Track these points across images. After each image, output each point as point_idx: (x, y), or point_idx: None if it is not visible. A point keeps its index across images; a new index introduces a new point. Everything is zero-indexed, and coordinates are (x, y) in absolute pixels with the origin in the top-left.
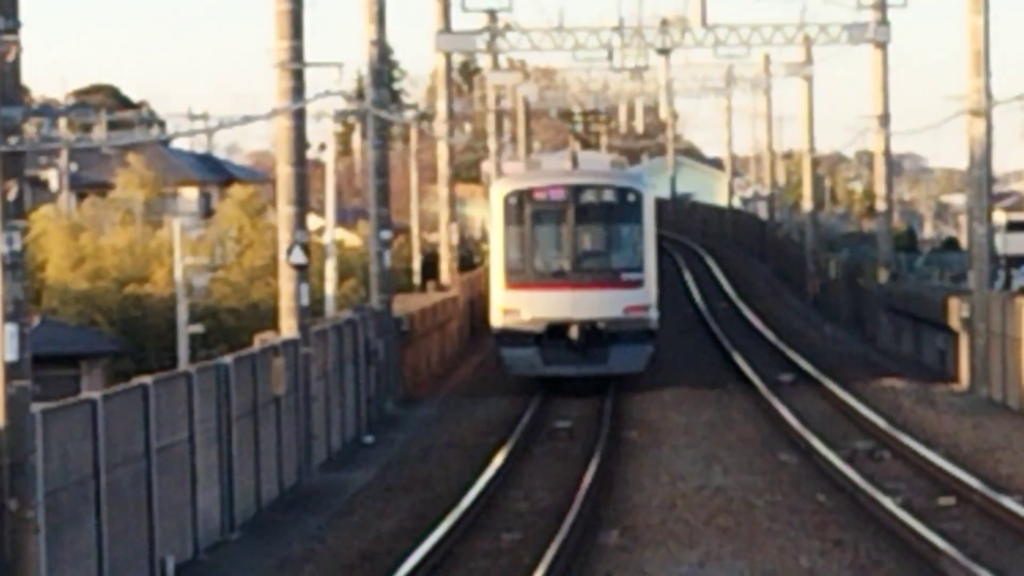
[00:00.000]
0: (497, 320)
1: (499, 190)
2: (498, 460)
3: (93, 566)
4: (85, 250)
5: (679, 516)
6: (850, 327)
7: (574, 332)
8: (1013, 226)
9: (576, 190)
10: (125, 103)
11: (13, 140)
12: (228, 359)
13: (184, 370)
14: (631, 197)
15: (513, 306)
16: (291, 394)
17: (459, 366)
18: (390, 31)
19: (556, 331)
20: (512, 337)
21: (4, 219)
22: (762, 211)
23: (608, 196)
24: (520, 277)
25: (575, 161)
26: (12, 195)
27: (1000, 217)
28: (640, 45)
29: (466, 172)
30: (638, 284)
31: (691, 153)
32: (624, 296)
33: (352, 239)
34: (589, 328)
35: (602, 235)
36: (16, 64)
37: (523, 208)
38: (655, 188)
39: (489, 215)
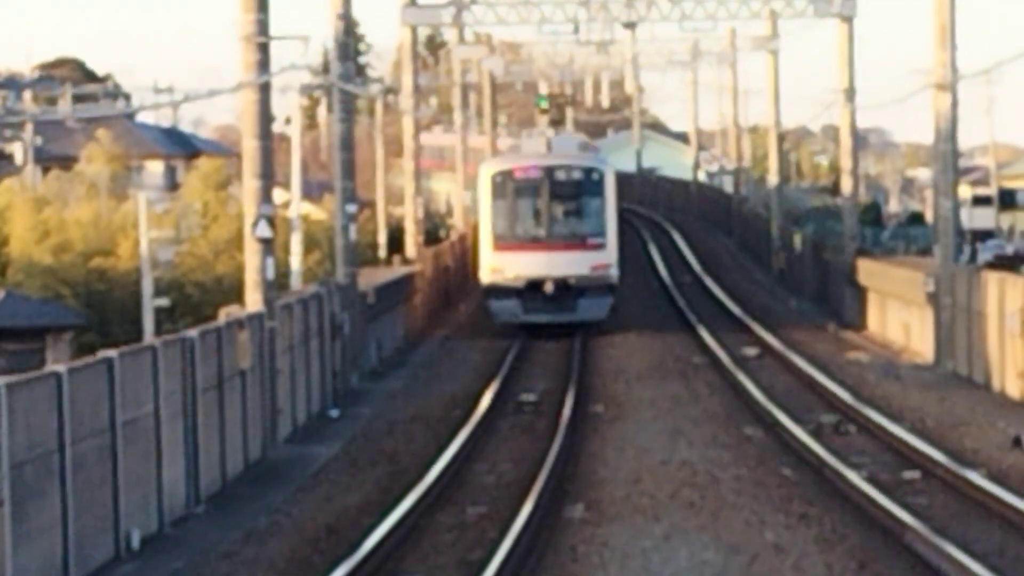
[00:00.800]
0: (485, 277)
1: (486, 170)
2: (464, 434)
3: (58, 539)
4: (49, 223)
5: (644, 490)
6: (816, 301)
7: (549, 287)
8: (978, 200)
9: (549, 170)
10: (90, 76)
11: None
12: (193, 333)
13: (149, 343)
14: (595, 176)
15: (499, 266)
16: (256, 368)
17: (424, 339)
18: (356, 4)
19: (534, 286)
20: (498, 291)
21: None
22: (728, 185)
23: (576, 175)
24: (504, 241)
25: (549, 146)
26: None
27: (965, 191)
28: (606, 19)
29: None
30: (601, 247)
31: (657, 127)
32: (590, 257)
33: (318, 213)
34: (561, 283)
35: (571, 207)
36: None
37: (506, 185)
38: (615, 167)
39: (477, 191)
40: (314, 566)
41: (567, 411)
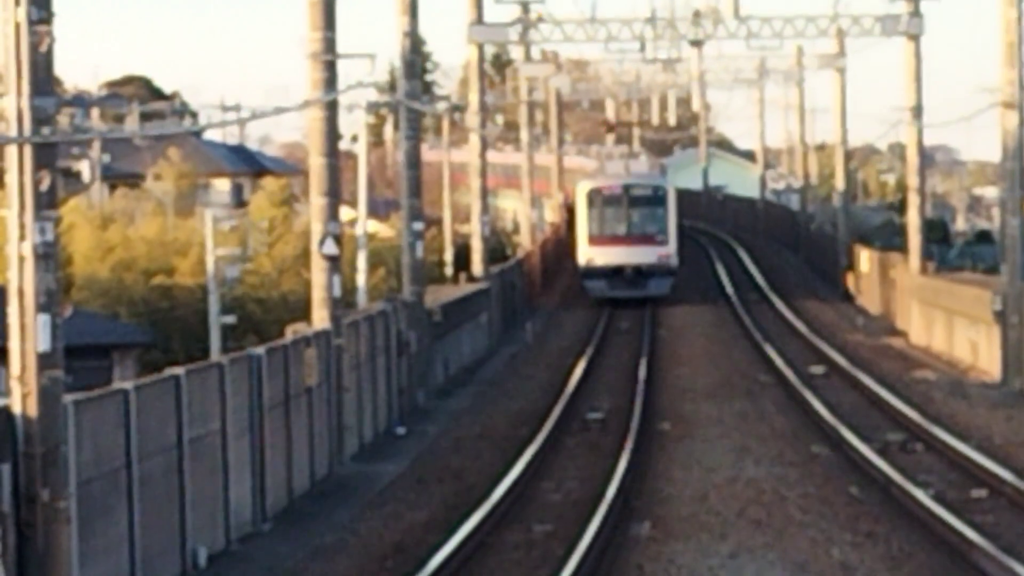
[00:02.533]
0: (583, 263)
1: (582, 188)
2: (530, 451)
3: (125, 557)
4: (113, 241)
5: (711, 508)
6: (883, 319)
7: (627, 271)
8: None
9: (627, 187)
10: (158, 94)
11: (46, 130)
12: (260, 350)
13: (216, 361)
14: (660, 191)
15: (592, 256)
16: (323, 385)
17: (491, 357)
18: (423, 22)
19: (617, 271)
20: (591, 274)
21: (36, 210)
22: (795, 203)
23: (646, 191)
24: (596, 238)
25: (627, 169)
26: (45, 186)
27: None
28: (673, 37)
29: None
30: (665, 242)
31: (723, 145)
32: (656, 250)
33: (384, 231)
34: (636, 269)
35: (643, 214)
36: (49, 54)
37: (597, 198)
38: (677, 185)
39: (576, 202)
40: None
41: (633, 429)
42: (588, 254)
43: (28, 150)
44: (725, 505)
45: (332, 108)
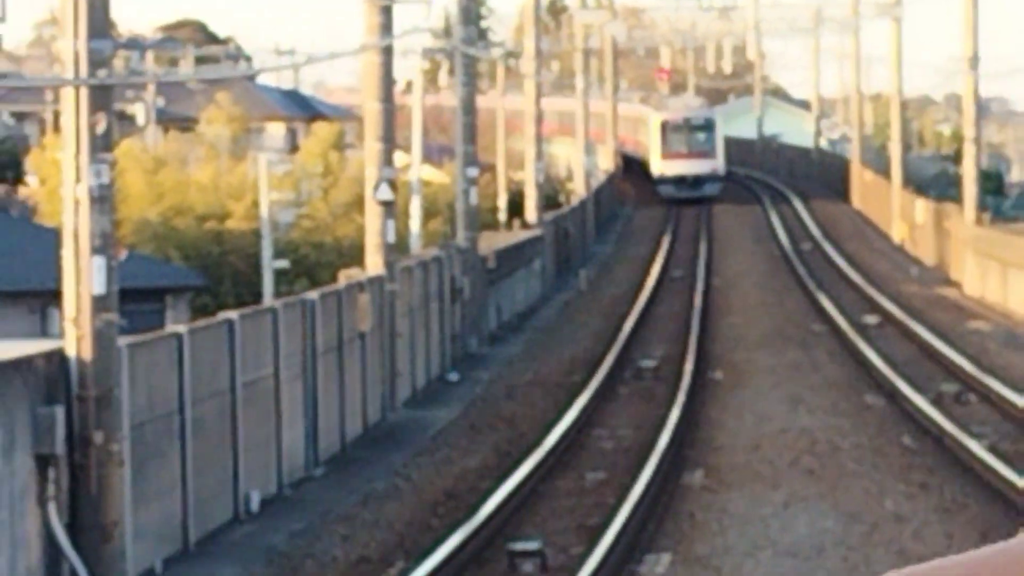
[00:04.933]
0: (656, 173)
1: (654, 118)
2: (583, 399)
3: (178, 499)
4: (165, 185)
5: (763, 457)
6: (937, 269)
7: (688, 178)
8: None
9: (687, 118)
10: (212, 38)
11: (102, 73)
12: (314, 295)
13: (270, 305)
14: (710, 121)
15: (663, 168)
16: (376, 331)
17: (544, 304)
18: None
19: (681, 178)
20: (662, 181)
21: (92, 152)
22: (849, 153)
23: (700, 121)
24: (666, 154)
25: (685, 106)
26: (100, 128)
27: None
28: None
29: None
30: (715, 157)
31: (778, 94)
32: (709, 163)
33: (438, 177)
34: (694, 176)
35: (698, 137)
36: None
37: (666, 125)
38: (727, 132)
39: (648, 129)
40: (432, 529)
41: (686, 377)
42: (660, 167)
43: (84, 92)
44: (778, 454)
45: (388, 53)
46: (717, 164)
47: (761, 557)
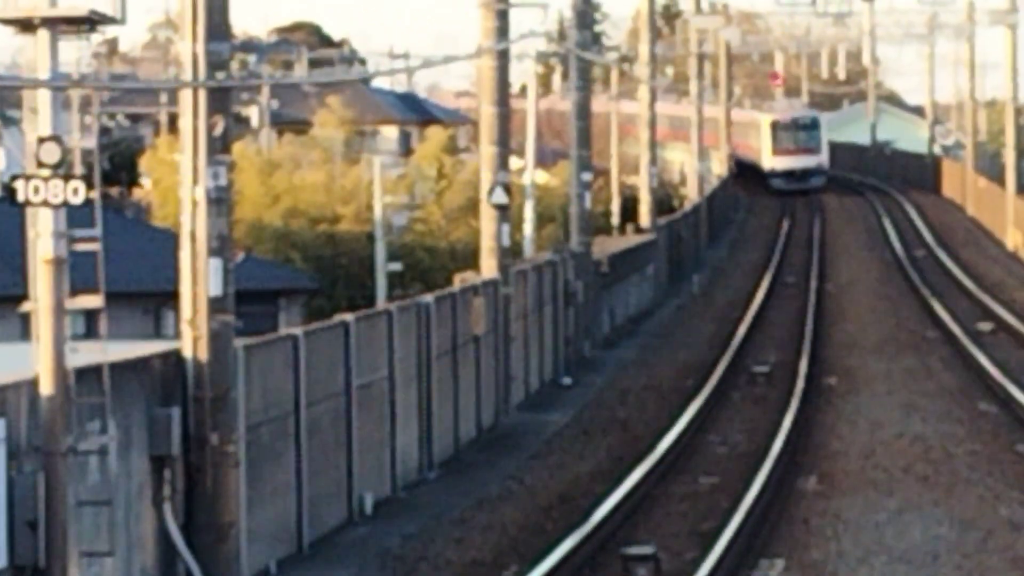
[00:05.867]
0: (767, 167)
1: (764, 119)
2: (696, 403)
3: (292, 501)
4: (280, 187)
5: (877, 463)
6: None
7: (797, 172)
8: None
9: (795, 118)
10: (327, 41)
11: (220, 75)
12: (429, 298)
13: (385, 308)
14: (815, 120)
15: (774, 163)
16: (490, 334)
17: (657, 308)
18: None
19: (790, 172)
20: (773, 175)
21: (209, 154)
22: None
23: (806, 120)
24: (776, 150)
25: (792, 107)
26: (218, 130)
27: None
28: None
29: None
30: (820, 153)
31: (892, 100)
32: (814, 158)
33: (550, 180)
34: (802, 170)
35: (805, 135)
36: (225, 0)
37: (776, 125)
38: (830, 121)
39: (760, 131)
40: (546, 533)
41: (800, 383)
42: (771, 162)
43: (202, 95)
44: (891, 461)
45: (503, 57)
46: (822, 159)
47: (875, 563)
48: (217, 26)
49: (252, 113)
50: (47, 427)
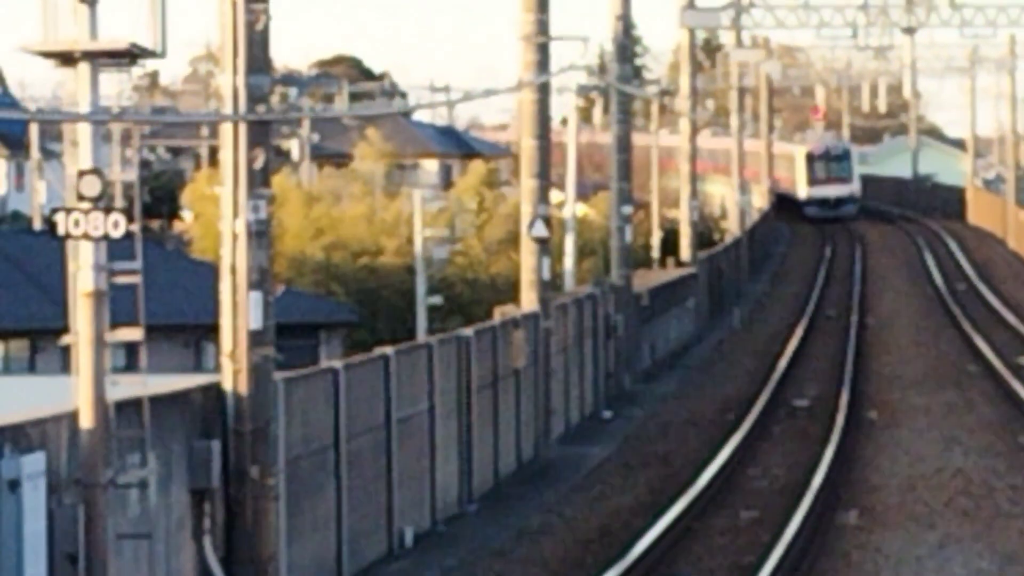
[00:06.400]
0: (803, 196)
1: (799, 151)
2: (736, 437)
3: (332, 534)
4: (322, 221)
5: (918, 497)
6: None
7: (830, 200)
8: None
9: (827, 149)
10: (367, 74)
11: (261, 108)
12: (469, 331)
13: (425, 341)
14: (847, 151)
15: (809, 192)
16: (530, 367)
17: (698, 343)
18: (633, 5)
19: (823, 200)
20: (808, 203)
21: (250, 187)
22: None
23: (838, 151)
24: (811, 180)
25: (824, 139)
26: (259, 163)
27: None
28: (885, 24)
29: None
30: (851, 182)
31: (933, 133)
32: (847, 187)
33: (589, 212)
34: (835, 199)
35: (837, 165)
36: (264, 33)
37: (811, 156)
38: (854, 147)
39: (795, 162)
40: (586, 567)
41: (840, 417)
42: (806, 191)
43: (243, 128)
44: (932, 495)
45: (544, 90)
46: (854, 188)
47: None
48: (257, 59)
49: (293, 146)
50: (87, 460)
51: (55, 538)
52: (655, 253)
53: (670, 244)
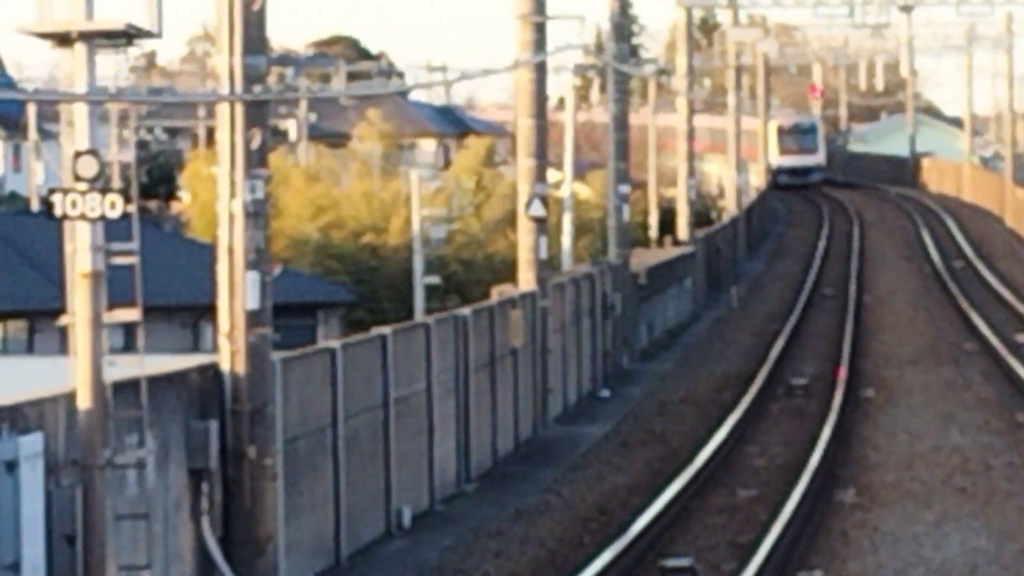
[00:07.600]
0: (774, 165)
1: (772, 124)
2: (734, 416)
3: (330, 514)
4: (321, 200)
5: (915, 475)
6: None
7: (797, 169)
8: None
9: (796, 123)
10: (364, 54)
11: (257, 89)
12: (466, 311)
13: (422, 321)
14: (814, 125)
15: (780, 161)
16: (528, 347)
17: (694, 321)
18: None
19: (792, 169)
20: (779, 172)
21: (247, 168)
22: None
23: (806, 125)
24: (781, 150)
25: (793, 116)
26: (255, 144)
27: None
28: (882, 2)
29: None
30: (817, 152)
31: (930, 111)
32: (812, 157)
33: (585, 192)
34: (802, 168)
35: (804, 138)
36: (261, 13)
37: (781, 129)
38: (821, 122)
39: (768, 134)
40: (584, 546)
41: (838, 395)
42: (777, 160)
43: (239, 108)
44: (930, 473)
45: (541, 70)
46: (819, 158)
47: (913, 575)
48: (254, 39)
49: (290, 126)
50: (85, 441)
51: (53, 519)
52: (652, 232)
53: (668, 223)
